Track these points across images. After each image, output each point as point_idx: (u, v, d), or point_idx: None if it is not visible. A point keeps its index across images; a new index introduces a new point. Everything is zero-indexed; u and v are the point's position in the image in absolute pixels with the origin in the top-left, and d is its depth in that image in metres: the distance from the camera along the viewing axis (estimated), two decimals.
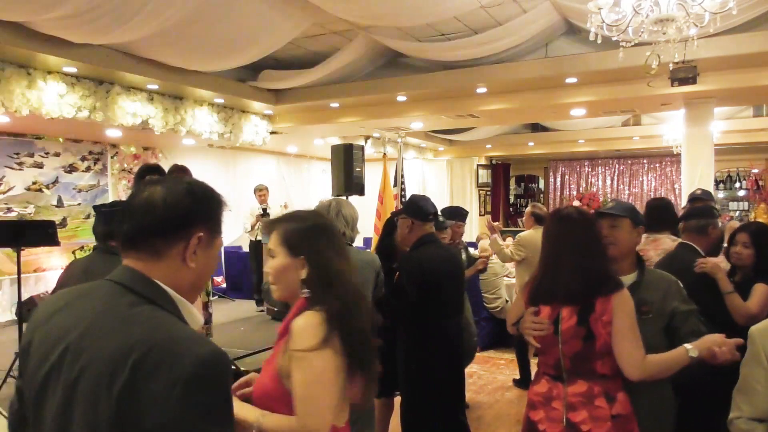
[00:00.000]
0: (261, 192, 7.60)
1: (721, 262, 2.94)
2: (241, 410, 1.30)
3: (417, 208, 3.11)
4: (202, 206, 1.14)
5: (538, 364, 2.15)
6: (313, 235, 1.57)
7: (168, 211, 1.09)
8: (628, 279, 2.15)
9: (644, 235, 3.97)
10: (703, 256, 2.87)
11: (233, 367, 4.54)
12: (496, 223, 5.43)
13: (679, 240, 3.15)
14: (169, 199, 1.09)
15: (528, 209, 5.14)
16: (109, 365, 0.95)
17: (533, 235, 4.90)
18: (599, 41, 4.09)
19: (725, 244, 3.12)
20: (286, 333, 1.50)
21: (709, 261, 2.82)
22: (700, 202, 3.51)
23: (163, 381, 0.93)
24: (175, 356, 0.95)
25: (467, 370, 5.62)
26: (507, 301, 6.27)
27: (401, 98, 7.04)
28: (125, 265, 1.10)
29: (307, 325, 1.44)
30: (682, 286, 2.18)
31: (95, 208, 2.83)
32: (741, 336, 1.82)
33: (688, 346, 1.89)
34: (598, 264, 2.00)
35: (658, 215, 3.40)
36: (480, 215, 12.08)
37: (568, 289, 1.99)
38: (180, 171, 4.73)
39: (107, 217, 2.69)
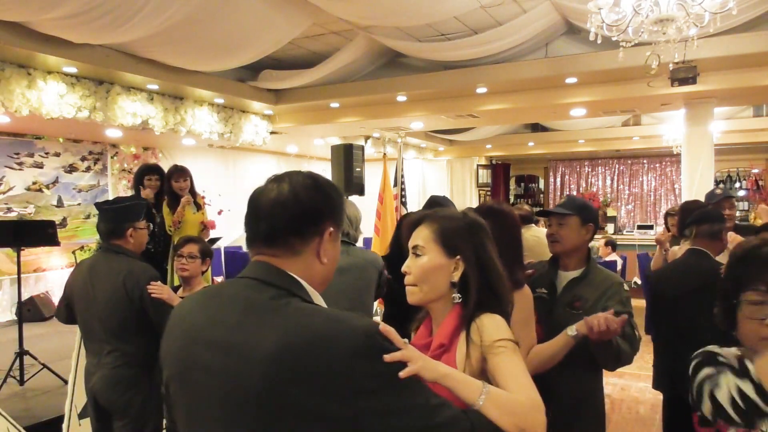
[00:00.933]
0: None
1: None
2: (462, 376, 1.16)
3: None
4: (330, 200, 1.14)
5: None
6: (473, 233, 1.44)
7: (301, 208, 1.09)
8: (572, 274, 2.20)
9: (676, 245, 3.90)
10: (718, 263, 2.79)
11: None
12: None
13: (687, 246, 3.07)
14: (301, 195, 1.10)
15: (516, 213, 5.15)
16: (272, 358, 0.94)
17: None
18: (599, 41, 4.10)
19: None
20: (451, 343, 1.36)
21: None
22: (728, 200, 3.42)
23: (340, 358, 0.94)
24: (340, 334, 0.96)
25: None
26: None
27: (401, 98, 7.04)
28: (259, 261, 1.10)
29: (498, 321, 1.35)
30: (626, 289, 2.14)
31: (97, 205, 2.79)
32: None
33: (569, 327, 1.89)
34: (511, 262, 2.00)
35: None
36: None
37: None
38: (179, 171, 4.73)
39: (109, 215, 2.67)
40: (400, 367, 0.99)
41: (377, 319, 2.64)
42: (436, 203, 3.33)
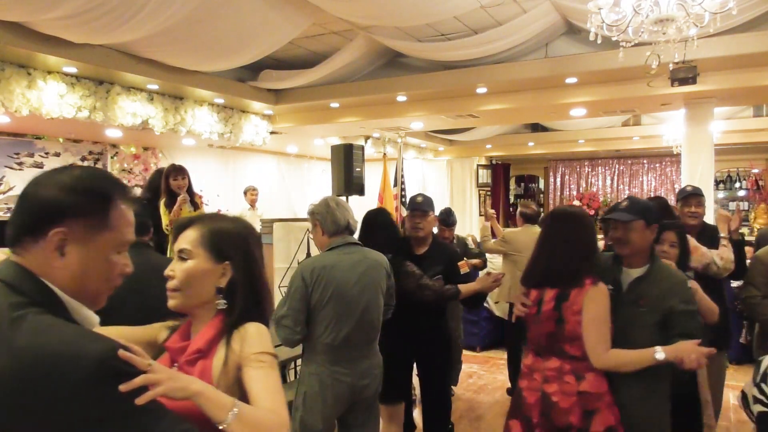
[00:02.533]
0: (253, 192, 7.68)
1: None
2: (214, 393, 1.12)
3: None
4: (76, 200, 1.01)
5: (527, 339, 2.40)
6: (243, 238, 1.41)
7: (33, 206, 1.00)
8: (637, 272, 2.30)
9: None
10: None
11: None
12: (491, 211, 5.47)
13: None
14: (40, 192, 1.01)
15: (519, 209, 5.15)
16: None
17: (519, 232, 4.91)
18: (599, 41, 4.10)
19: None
20: (209, 350, 1.32)
21: None
22: (695, 198, 3.47)
23: (68, 385, 0.87)
24: (72, 357, 0.88)
25: (467, 370, 5.65)
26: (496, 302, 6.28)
27: (401, 98, 7.04)
28: (10, 261, 1.02)
29: (263, 331, 1.33)
30: (689, 286, 2.27)
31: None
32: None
33: (657, 348, 2.04)
34: (577, 258, 2.23)
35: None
36: (480, 215, 12.09)
37: (550, 276, 2.26)
38: (177, 170, 4.73)
39: (138, 209, 2.69)
40: (141, 392, 0.93)
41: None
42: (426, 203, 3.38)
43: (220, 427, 1.08)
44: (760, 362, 1.63)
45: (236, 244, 1.38)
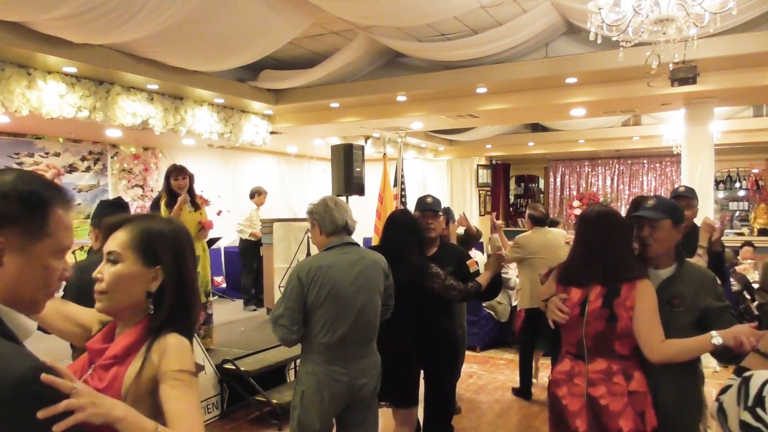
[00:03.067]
0: (262, 195, 7.65)
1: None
2: (136, 419, 1.10)
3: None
4: (11, 207, 0.99)
5: (562, 345, 2.33)
6: (176, 242, 1.35)
7: None
8: (666, 272, 2.27)
9: None
10: None
11: (233, 366, 4.47)
12: (498, 222, 5.39)
13: None
14: None
15: (527, 212, 5.13)
16: None
17: (530, 235, 4.89)
18: (599, 41, 4.09)
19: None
20: (126, 356, 1.28)
21: None
22: (684, 200, 3.45)
23: None
24: None
25: (467, 370, 5.65)
26: (500, 303, 6.28)
27: (401, 98, 7.04)
28: None
29: (185, 346, 1.29)
30: (719, 282, 2.28)
31: (105, 202, 2.72)
32: None
33: (713, 333, 2.00)
34: (626, 254, 2.22)
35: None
36: (480, 215, 12.09)
37: (600, 273, 2.20)
38: (177, 170, 4.74)
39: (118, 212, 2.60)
40: (61, 418, 0.91)
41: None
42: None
43: None
44: (747, 382, 1.38)
45: (168, 247, 1.33)
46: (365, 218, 9.96)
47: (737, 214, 11.25)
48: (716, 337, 1.98)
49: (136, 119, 6.08)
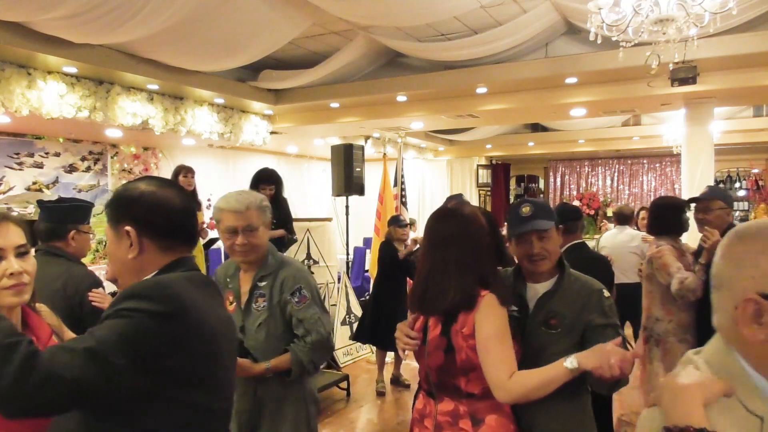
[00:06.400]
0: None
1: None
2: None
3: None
4: None
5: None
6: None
7: None
8: (544, 287, 1.91)
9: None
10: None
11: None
12: None
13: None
14: None
15: (613, 211, 5.39)
16: None
17: (611, 235, 5.23)
18: (599, 41, 4.10)
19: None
20: None
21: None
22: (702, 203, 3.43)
23: None
24: None
25: None
26: None
27: (401, 98, 7.04)
28: None
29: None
30: (607, 295, 1.87)
31: (39, 203, 2.54)
32: None
33: (568, 356, 1.60)
34: (471, 272, 1.76)
35: (661, 217, 3.33)
36: None
37: (433, 298, 1.79)
38: (186, 168, 4.74)
39: (52, 214, 2.47)
40: None
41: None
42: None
43: None
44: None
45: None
46: (365, 218, 9.97)
47: (737, 214, 11.25)
48: (570, 360, 1.58)
49: (136, 119, 6.08)
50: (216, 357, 1.27)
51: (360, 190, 6.64)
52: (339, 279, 6.65)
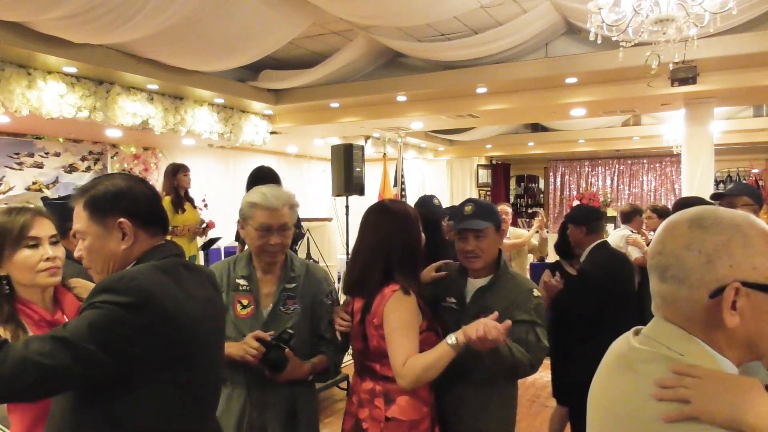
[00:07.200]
0: None
1: None
2: None
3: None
4: None
5: None
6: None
7: None
8: (480, 282, 2.06)
9: None
10: None
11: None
12: (540, 218, 5.19)
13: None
14: None
15: (646, 211, 5.24)
16: None
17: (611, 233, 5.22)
18: (599, 41, 4.10)
19: None
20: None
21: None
22: (726, 199, 3.39)
23: None
24: None
25: None
26: None
27: (401, 98, 7.04)
28: None
29: None
30: (536, 295, 2.01)
31: (44, 200, 2.51)
32: None
33: (451, 335, 1.73)
34: (383, 261, 1.90)
35: None
36: None
37: (348, 281, 2.00)
38: (185, 168, 4.73)
39: (56, 211, 2.40)
40: None
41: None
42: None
43: None
44: None
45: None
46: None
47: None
48: (450, 337, 1.71)
49: (136, 119, 6.08)
50: (196, 339, 1.34)
51: (360, 190, 6.64)
52: (339, 279, 6.65)
